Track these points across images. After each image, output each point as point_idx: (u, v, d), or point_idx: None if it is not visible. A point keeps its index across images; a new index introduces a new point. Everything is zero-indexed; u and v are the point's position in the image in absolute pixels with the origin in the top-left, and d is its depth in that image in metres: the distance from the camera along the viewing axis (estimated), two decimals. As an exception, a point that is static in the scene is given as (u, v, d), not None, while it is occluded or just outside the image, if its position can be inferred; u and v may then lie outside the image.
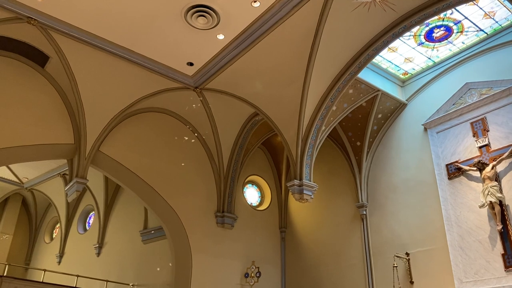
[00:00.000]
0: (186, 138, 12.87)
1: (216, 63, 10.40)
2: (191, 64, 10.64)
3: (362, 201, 12.06)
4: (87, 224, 17.98)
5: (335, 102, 10.80)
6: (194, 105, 12.10)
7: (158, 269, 12.71)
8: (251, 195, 14.57)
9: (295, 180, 10.59)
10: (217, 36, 9.58)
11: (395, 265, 10.32)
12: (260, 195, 14.80)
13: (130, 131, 12.01)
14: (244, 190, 14.19)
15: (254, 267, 12.69)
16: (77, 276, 13.92)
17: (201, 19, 9.01)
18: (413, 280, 10.39)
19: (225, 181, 13.00)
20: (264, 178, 14.79)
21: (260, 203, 14.63)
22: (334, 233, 12.70)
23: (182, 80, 11.16)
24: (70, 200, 11.78)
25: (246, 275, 12.62)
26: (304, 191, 10.57)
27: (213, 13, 8.88)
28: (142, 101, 11.52)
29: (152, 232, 13.60)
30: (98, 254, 15.80)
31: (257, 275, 12.58)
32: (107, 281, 14.22)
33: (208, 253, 12.18)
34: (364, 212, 11.99)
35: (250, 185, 14.68)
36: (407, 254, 10.67)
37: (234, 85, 11.12)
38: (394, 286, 10.19)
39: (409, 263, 10.56)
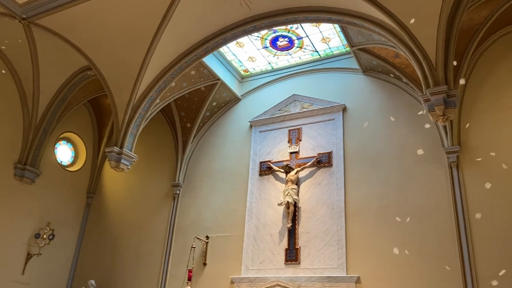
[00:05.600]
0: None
1: (54, -2, 9.22)
2: (23, -10, 9.22)
3: (178, 180, 12.26)
4: None
5: (175, 79, 10.73)
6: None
7: None
8: (64, 153, 13.38)
9: (115, 147, 10.20)
10: (63, -31, 8.53)
11: (194, 246, 10.82)
12: (74, 155, 13.70)
13: None
14: (56, 146, 12.96)
15: (48, 229, 11.73)
16: None
17: None
18: (206, 262, 11.00)
19: (36, 131, 11.64)
20: (82, 138, 13.71)
21: (72, 164, 13.54)
22: (144, 207, 12.59)
23: (7, 5, 9.48)
24: None
25: (37, 236, 11.56)
26: (122, 160, 10.29)
27: None
28: None
29: None
30: None
31: (50, 237, 11.68)
32: None
33: (-5, 206, 10.77)
34: (178, 192, 12.22)
35: (65, 142, 13.48)
36: (207, 237, 11.24)
37: (71, 30, 10.02)
38: (187, 266, 10.64)
39: (206, 246, 11.15)
